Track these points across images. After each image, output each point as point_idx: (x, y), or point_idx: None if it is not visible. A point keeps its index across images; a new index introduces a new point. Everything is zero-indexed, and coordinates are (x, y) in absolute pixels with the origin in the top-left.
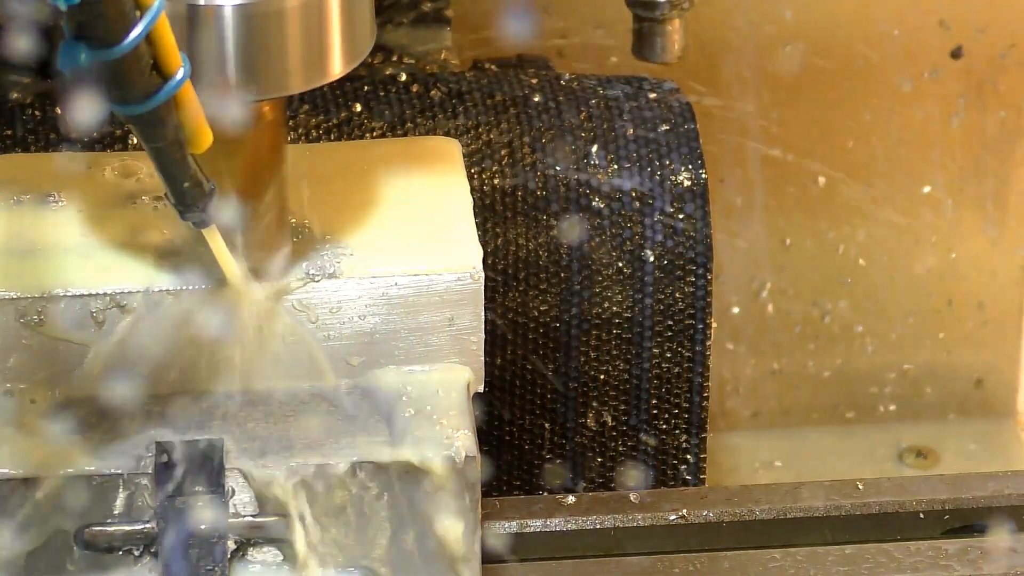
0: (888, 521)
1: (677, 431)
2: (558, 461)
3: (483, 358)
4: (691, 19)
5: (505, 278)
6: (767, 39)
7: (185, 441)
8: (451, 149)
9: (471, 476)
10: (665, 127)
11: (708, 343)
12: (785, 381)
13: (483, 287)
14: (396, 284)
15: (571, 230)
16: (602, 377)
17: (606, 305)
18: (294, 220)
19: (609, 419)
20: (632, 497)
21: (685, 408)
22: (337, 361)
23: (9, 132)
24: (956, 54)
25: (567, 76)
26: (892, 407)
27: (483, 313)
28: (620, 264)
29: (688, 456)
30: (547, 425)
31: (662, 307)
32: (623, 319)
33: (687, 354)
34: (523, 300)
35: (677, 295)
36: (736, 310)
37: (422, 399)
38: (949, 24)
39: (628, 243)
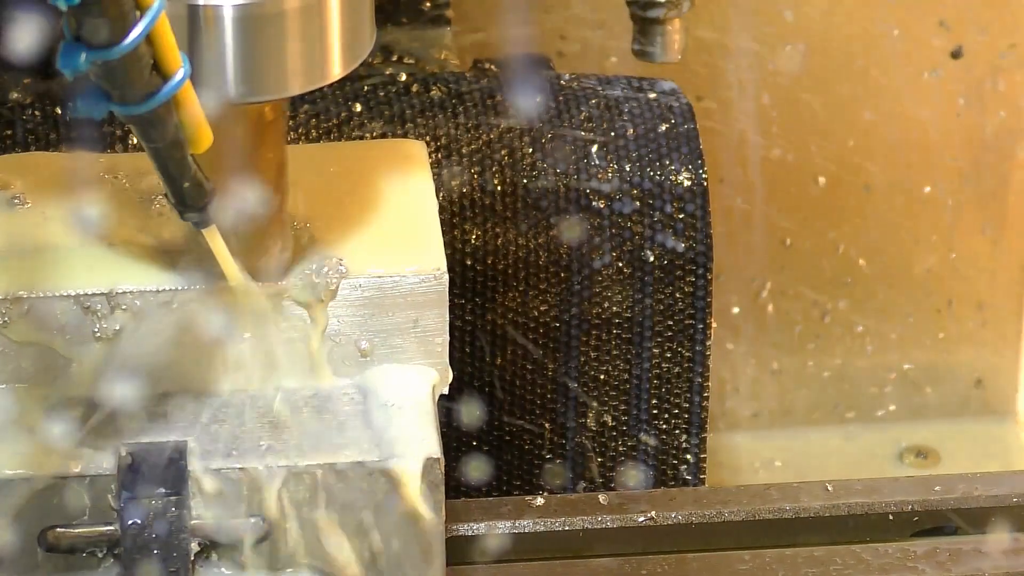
0: (857, 523)
1: (677, 431)
2: (558, 461)
3: (448, 359)
4: (691, 19)
5: (505, 278)
6: (767, 39)
7: (149, 443)
8: (417, 151)
9: (435, 477)
10: (665, 127)
11: (708, 343)
12: (785, 381)
13: (447, 288)
14: (360, 285)
15: (571, 230)
16: (602, 377)
17: (606, 305)
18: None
19: (609, 419)
20: (601, 499)
21: (685, 408)
22: (305, 363)
23: (9, 132)
24: (956, 54)
25: (567, 76)
26: (892, 407)
27: (448, 314)
28: (620, 264)
29: (688, 456)
30: (547, 425)
31: (662, 307)
32: (623, 319)
33: (687, 354)
34: (523, 300)
35: (677, 295)
36: (736, 310)
37: (387, 401)
38: (949, 24)
39: (628, 243)
